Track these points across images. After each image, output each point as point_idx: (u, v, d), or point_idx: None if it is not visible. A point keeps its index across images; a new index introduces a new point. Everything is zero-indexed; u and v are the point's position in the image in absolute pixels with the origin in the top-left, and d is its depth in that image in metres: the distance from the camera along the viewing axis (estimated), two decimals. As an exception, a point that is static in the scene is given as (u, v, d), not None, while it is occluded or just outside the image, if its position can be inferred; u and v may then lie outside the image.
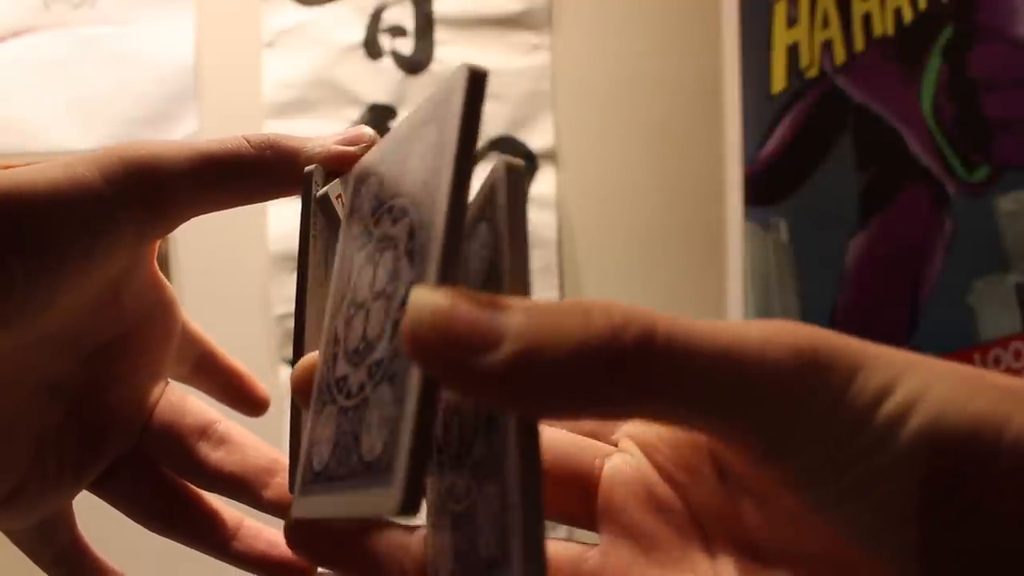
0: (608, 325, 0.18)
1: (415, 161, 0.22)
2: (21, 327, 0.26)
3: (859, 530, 0.20)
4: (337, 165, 0.29)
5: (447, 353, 0.17)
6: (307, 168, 0.29)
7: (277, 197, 0.30)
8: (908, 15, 0.97)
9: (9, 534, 0.31)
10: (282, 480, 0.31)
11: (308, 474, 0.22)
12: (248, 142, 0.29)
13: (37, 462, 0.29)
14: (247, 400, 0.36)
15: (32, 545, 0.32)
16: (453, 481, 0.21)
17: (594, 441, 0.26)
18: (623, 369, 0.17)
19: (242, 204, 0.30)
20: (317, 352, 0.24)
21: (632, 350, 0.17)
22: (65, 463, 0.30)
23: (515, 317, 0.17)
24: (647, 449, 0.25)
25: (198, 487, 0.32)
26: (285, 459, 0.31)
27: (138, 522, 0.32)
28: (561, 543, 0.24)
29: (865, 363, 0.20)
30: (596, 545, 0.24)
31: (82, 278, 0.27)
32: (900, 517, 0.19)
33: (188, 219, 0.29)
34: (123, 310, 0.30)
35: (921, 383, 0.20)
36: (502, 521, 0.18)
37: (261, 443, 0.33)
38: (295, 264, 0.28)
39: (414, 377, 0.18)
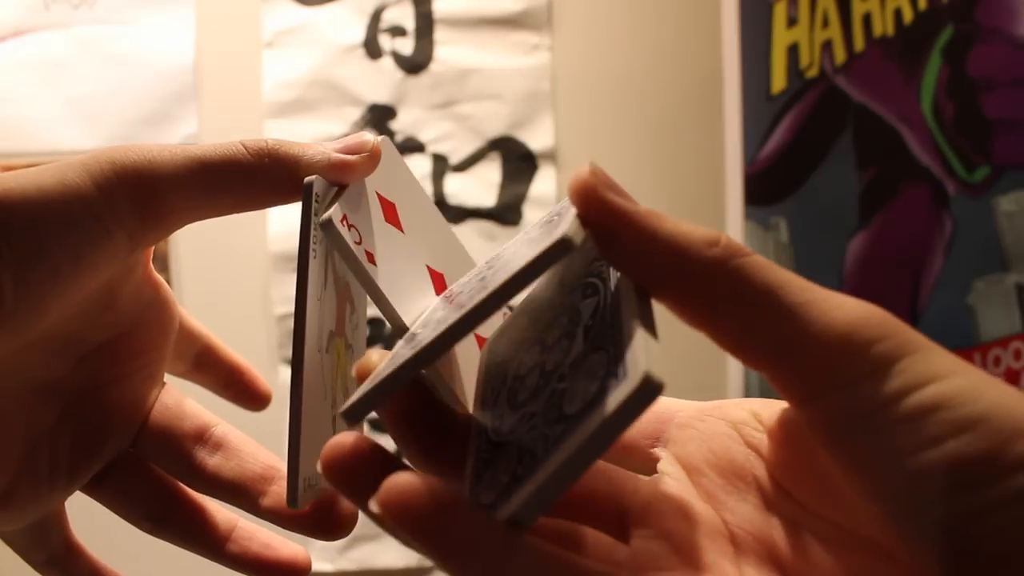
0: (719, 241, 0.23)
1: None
2: (11, 335, 0.26)
3: (883, 502, 0.21)
4: (338, 176, 0.29)
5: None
6: (307, 179, 0.28)
7: (275, 205, 0.29)
8: (908, 15, 0.97)
9: (1, 535, 0.31)
10: (279, 488, 0.31)
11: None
12: (246, 148, 0.28)
13: (28, 464, 0.29)
14: (249, 394, 0.36)
15: (24, 546, 0.32)
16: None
17: (633, 473, 0.27)
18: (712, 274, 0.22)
19: (239, 212, 0.29)
20: (352, 434, 0.23)
21: (725, 255, 0.22)
22: (58, 465, 0.30)
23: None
24: (691, 472, 0.26)
25: (195, 491, 0.32)
26: (282, 466, 0.31)
27: (132, 523, 0.32)
28: (591, 531, 0.24)
29: (919, 350, 0.21)
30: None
31: (73, 286, 0.26)
32: (924, 498, 0.20)
33: (183, 226, 0.29)
34: (117, 312, 0.30)
35: (960, 380, 0.20)
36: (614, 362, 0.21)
37: (259, 448, 0.33)
38: (295, 265, 0.28)
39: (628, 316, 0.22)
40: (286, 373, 1.27)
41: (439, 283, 0.30)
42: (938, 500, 0.20)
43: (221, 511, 0.33)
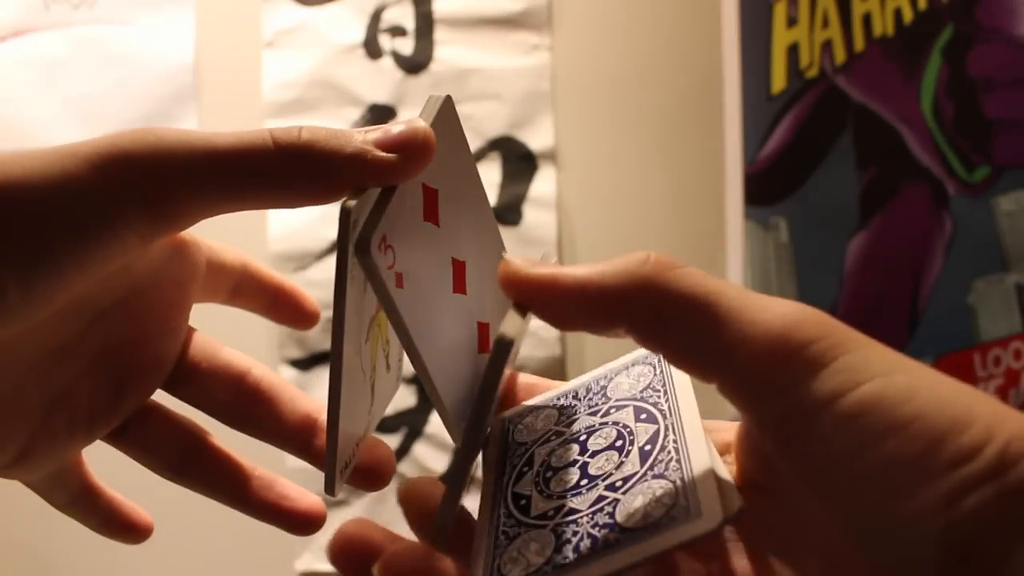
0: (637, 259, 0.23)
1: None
2: (17, 325, 0.25)
3: (830, 507, 0.21)
4: (380, 179, 0.25)
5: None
6: (345, 204, 0.24)
7: (305, 206, 0.27)
8: (908, 15, 0.97)
9: (22, 481, 0.31)
10: (319, 442, 0.31)
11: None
12: (274, 141, 0.25)
13: (46, 423, 0.29)
14: (297, 313, 0.34)
15: (45, 491, 0.32)
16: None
17: None
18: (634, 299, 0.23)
19: (261, 209, 0.27)
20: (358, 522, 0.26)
21: (646, 278, 0.23)
22: (76, 421, 0.29)
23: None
24: None
25: (243, 432, 0.32)
26: (322, 415, 0.31)
27: (154, 471, 0.32)
28: None
29: (856, 349, 0.21)
30: None
31: (80, 281, 0.25)
32: (866, 503, 0.20)
33: (198, 222, 0.27)
34: (131, 275, 0.28)
35: (891, 380, 0.20)
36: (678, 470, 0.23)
37: (297, 394, 0.32)
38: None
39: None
40: (287, 373, 1.27)
41: (460, 275, 0.30)
42: (879, 504, 0.20)
43: (243, 459, 0.33)
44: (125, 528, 0.34)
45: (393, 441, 1.25)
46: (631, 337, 0.24)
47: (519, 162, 1.28)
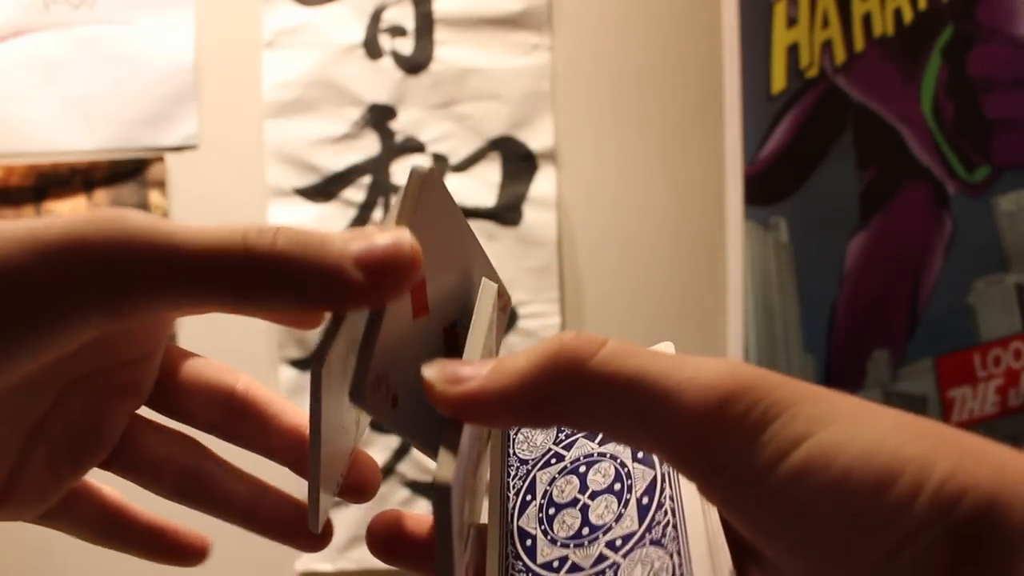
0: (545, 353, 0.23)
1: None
2: None
3: (783, 571, 0.21)
4: (360, 305, 0.24)
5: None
6: (319, 366, 0.23)
7: (278, 322, 0.27)
8: (908, 15, 0.97)
9: (44, 525, 0.30)
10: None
11: None
12: (245, 247, 0.23)
13: (23, 459, 0.28)
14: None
15: (66, 529, 0.31)
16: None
17: None
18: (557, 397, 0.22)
19: (235, 314, 0.26)
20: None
21: (563, 377, 0.22)
22: (58, 455, 0.28)
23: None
24: None
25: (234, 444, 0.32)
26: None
27: (157, 494, 0.31)
28: None
29: (784, 407, 0.21)
30: None
31: (35, 360, 0.24)
32: (810, 569, 0.20)
33: (160, 315, 0.25)
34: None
35: (838, 429, 0.20)
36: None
37: (285, 407, 0.32)
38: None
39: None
40: (287, 373, 1.27)
41: (449, 336, 0.29)
42: (824, 569, 0.20)
43: (253, 476, 0.32)
44: (174, 552, 0.32)
45: (391, 442, 1.25)
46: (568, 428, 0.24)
47: (519, 162, 1.28)
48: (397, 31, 1.29)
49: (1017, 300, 0.86)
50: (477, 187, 1.28)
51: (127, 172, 1.28)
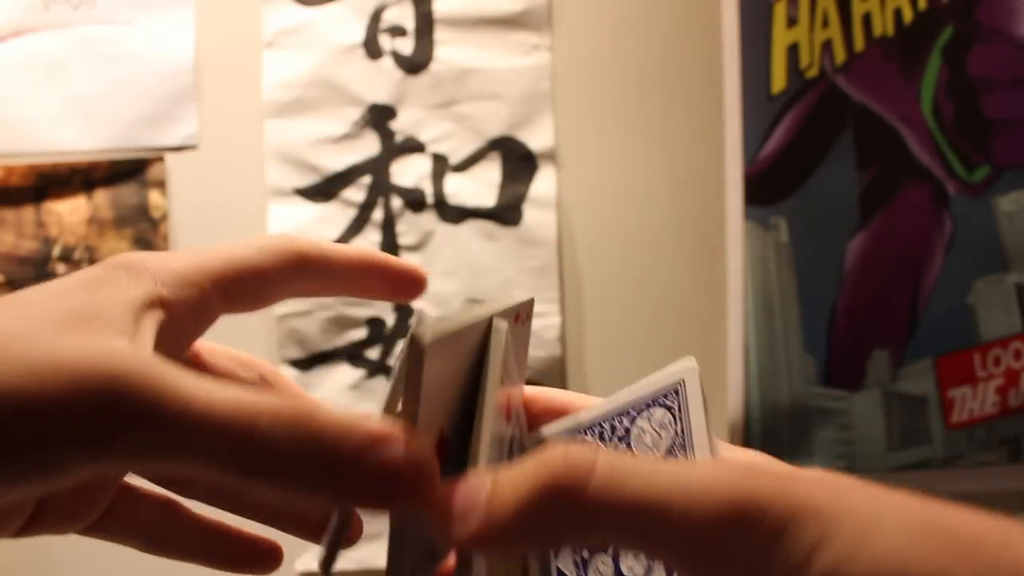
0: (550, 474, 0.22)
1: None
2: None
3: None
4: (368, 512, 0.24)
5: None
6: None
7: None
8: (908, 15, 0.97)
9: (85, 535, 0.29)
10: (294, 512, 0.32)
11: None
12: (270, 421, 0.21)
13: (35, 516, 0.27)
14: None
15: (110, 537, 0.30)
16: None
17: None
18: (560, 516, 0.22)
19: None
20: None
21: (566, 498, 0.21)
22: (63, 513, 0.27)
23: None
24: None
25: None
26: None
27: (134, 548, 0.31)
28: None
29: (795, 517, 0.20)
30: None
31: (27, 493, 0.22)
32: None
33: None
34: None
35: (852, 539, 0.20)
36: None
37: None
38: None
39: None
40: (287, 373, 1.27)
41: (441, 446, 0.27)
42: None
43: (218, 520, 0.31)
44: (238, 559, 0.31)
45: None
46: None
47: (519, 162, 1.28)
48: (397, 31, 1.29)
49: (1017, 300, 0.86)
50: (477, 187, 1.28)
51: (127, 172, 1.28)
